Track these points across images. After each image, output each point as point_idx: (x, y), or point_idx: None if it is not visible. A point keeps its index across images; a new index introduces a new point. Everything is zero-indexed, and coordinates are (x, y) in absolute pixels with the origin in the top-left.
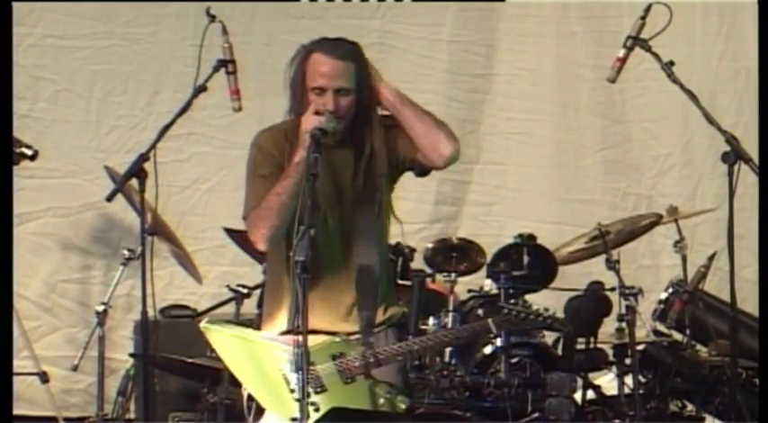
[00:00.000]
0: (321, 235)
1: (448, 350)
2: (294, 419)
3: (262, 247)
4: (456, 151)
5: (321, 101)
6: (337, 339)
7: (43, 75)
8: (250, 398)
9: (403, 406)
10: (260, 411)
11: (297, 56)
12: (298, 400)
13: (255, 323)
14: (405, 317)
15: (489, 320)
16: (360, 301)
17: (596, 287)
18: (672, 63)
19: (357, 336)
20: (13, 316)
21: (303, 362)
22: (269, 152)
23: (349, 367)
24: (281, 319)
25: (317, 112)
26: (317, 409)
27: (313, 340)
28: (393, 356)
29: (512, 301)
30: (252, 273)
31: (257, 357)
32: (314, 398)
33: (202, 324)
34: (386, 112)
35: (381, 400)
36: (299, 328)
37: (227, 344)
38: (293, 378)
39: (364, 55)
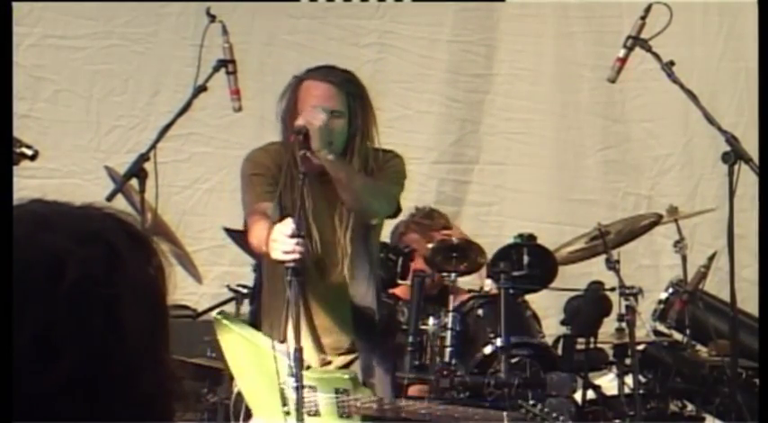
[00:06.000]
0: (312, 257)
1: (448, 350)
2: None
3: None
4: (385, 214)
5: None
6: (345, 376)
7: (43, 75)
8: (239, 397)
9: None
10: (248, 414)
11: (288, 86)
12: (287, 413)
13: (249, 319)
14: (392, 317)
15: (504, 414)
16: (357, 316)
17: (596, 287)
18: (672, 63)
19: (353, 356)
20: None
21: (296, 367)
22: (263, 164)
23: (349, 405)
24: (276, 324)
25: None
26: None
27: (323, 367)
28: (396, 411)
29: (531, 402)
30: (252, 273)
31: (261, 365)
32: (307, 420)
33: (215, 314)
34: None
35: None
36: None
37: (234, 342)
38: (290, 395)
39: (359, 82)
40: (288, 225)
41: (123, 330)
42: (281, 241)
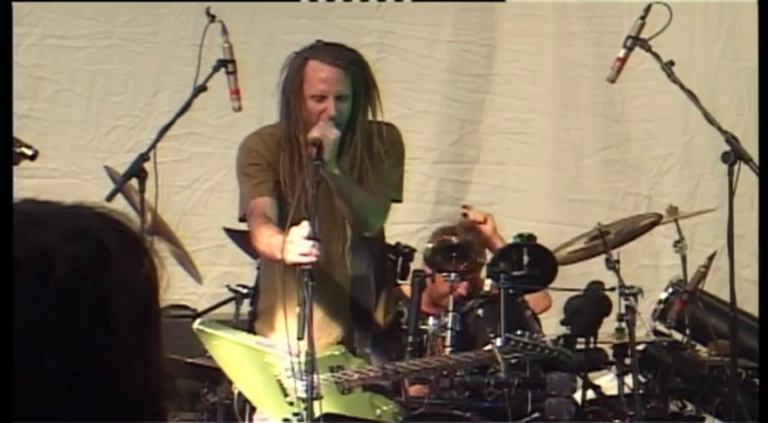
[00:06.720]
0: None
1: (448, 350)
2: (286, 420)
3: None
4: (379, 227)
5: (321, 107)
6: (336, 352)
7: (43, 75)
8: (241, 396)
9: (400, 419)
10: (252, 410)
11: (291, 62)
12: (290, 404)
13: (249, 320)
14: (398, 316)
15: (495, 350)
16: (356, 310)
17: (596, 287)
18: (672, 63)
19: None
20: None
21: (311, 367)
22: (258, 152)
23: (347, 380)
24: (278, 324)
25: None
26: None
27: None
28: (394, 375)
29: (518, 332)
30: (252, 273)
31: (251, 362)
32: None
33: (195, 325)
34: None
35: (378, 412)
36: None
37: (221, 346)
38: (289, 384)
39: (364, 62)
40: (304, 228)
41: (111, 328)
42: (298, 243)
